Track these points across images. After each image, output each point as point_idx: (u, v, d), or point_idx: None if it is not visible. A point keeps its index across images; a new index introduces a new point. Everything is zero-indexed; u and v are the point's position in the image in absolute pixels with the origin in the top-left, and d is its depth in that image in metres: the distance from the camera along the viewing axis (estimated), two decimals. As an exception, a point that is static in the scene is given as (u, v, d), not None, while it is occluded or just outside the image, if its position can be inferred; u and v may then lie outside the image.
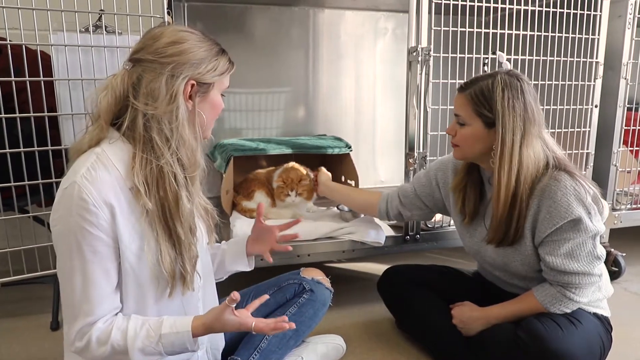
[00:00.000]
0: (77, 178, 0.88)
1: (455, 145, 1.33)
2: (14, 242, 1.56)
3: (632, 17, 1.91)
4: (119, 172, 0.93)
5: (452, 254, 2.29)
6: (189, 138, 0.96)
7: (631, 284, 2.03)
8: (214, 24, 2.19)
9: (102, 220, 0.89)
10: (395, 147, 2.49)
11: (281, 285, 1.37)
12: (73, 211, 0.87)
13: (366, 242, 1.67)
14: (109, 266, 0.91)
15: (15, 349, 1.54)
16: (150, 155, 0.93)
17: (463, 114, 1.27)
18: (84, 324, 0.90)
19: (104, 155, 0.93)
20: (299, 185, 1.73)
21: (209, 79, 0.98)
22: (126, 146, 0.95)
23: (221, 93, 1.05)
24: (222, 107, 1.05)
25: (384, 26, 2.45)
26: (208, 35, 1.02)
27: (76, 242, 0.88)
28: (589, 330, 1.25)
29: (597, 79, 1.90)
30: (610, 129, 2.01)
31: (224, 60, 1.02)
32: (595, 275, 1.24)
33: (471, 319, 1.38)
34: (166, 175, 0.93)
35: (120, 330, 0.92)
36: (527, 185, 1.23)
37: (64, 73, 1.50)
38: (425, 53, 1.62)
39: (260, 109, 2.36)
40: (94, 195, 0.88)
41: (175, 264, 0.96)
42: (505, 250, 1.32)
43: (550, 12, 1.74)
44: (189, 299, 1.04)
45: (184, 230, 0.97)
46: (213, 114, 1.04)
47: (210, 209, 1.15)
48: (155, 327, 0.94)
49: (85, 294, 0.90)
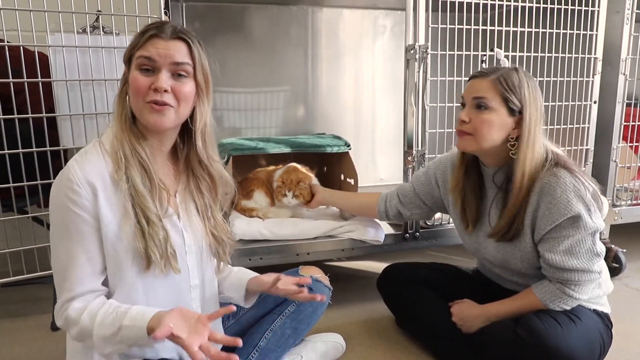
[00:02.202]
0: (70, 162, 0.95)
1: (467, 134, 1.26)
2: (14, 243, 1.56)
3: (630, 12, 1.91)
4: (107, 153, 0.97)
5: (451, 252, 2.29)
6: (116, 123, 1.01)
7: (632, 280, 2.03)
8: (212, 23, 2.19)
9: (85, 199, 0.92)
10: (395, 145, 2.48)
11: (280, 284, 1.36)
12: (60, 191, 0.93)
13: (365, 241, 1.67)
14: (91, 247, 0.94)
15: (16, 350, 1.54)
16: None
17: (489, 97, 1.23)
18: (64, 301, 0.94)
19: (97, 141, 1.00)
20: (297, 187, 1.73)
21: (126, 58, 1.00)
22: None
23: (141, 67, 0.97)
24: (137, 82, 0.96)
25: (383, 24, 2.45)
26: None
27: (62, 220, 0.93)
28: (588, 327, 1.24)
29: (595, 75, 1.90)
30: (609, 124, 2.01)
31: (140, 33, 0.99)
32: (595, 272, 1.24)
33: (471, 317, 1.38)
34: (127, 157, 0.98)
35: (90, 314, 0.91)
36: (532, 178, 1.24)
37: (62, 74, 1.50)
38: (422, 51, 1.62)
39: (259, 108, 2.36)
40: (78, 174, 0.92)
41: (146, 246, 0.96)
42: (505, 247, 1.32)
43: (548, 8, 1.74)
44: (180, 289, 1.05)
45: (140, 212, 0.96)
46: (132, 94, 0.98)
47: (227, 239, 1.15)
48: (120, 316, 0.90)
49: (67, 272, 0.93)
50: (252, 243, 1.62)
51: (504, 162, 1.30)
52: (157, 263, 0.97)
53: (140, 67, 0.96)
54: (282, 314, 1.30)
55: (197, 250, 1.09)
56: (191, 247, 1.07)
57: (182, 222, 1.06)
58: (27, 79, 1.46)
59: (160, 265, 0.98)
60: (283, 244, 1.64)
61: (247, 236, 1.63)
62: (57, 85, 1.51)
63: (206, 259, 1.13)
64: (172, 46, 0.96)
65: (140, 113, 0.98)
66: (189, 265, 1.07)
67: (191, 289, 1.08)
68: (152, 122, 0.97)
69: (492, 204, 1.34)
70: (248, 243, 1.62)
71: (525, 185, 1.23)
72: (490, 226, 1.35)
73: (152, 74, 0.96)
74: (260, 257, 1.61)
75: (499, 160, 1.30)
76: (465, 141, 1.28)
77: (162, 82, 0.95)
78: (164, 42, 0.96)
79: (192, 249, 1.07)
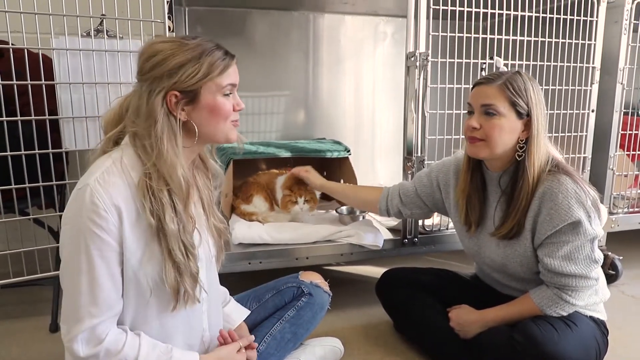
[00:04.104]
0: (91, 181, 0.89)
1: (479, 140, 1.27)
2: (14, 245, 1.57)
3: (628, 23, 1.93)
4: (132, 179, 0.93)
5: (450, 257, 2.30)
6: (171, 156, 0.93)
7: (628, 287, 2.04)
8: (214, 28, 2.21)
9: (112, 225, 0.89)
10: (394, 150, 2.50)
11: (280, 289, 1.37)
12: (84, 214, 0.88)
13: (364, 245, 1.68)
14: (115, 271, 0.92)
15: (14, 351, 1.54)
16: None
17: (498, 103, 1.25)
18: (89, 326, 0.90)
19: (119, 161, 0.93)
20: (307, 191, 1.74)
21: (192, 86, 0.94)
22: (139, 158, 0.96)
23: (225, 92, 0.98)
24: (225, 107, 0.98)
25: (383, 31, 2.47)
26: (191, 38, 0.96)
27: (85, 244, 0.88)
28: (584, 334, 1.26)
29: (594, 84, 1.91)
30: (606, 133, 2.03)
31: (210, 60, 0.95)
32: (592, 279, 1.25)
33: (468, 322, 1.39)
34: (155, 193, 0.92)
35: (133, 348, 0.93)
36: (538, 179, 1.26)
37: (66, 77, 1.51)
38: (423, 58, 1.63)
39: (260, 112, 2.37)
40: (104, 199, 0.88)
41: (178, 281, 0.95)
42: (505, 250, 1.33)
43: (547, 17, 1.76)
44: (193, 311, 1.04)
45: (177, 250, 0.94)
46: (214, 117, 0.98)
47: (224, 228, 1.14)
48: (165, 352, 0.96)
49: (91, 296, 0.89)
50: (252, 247, 1.63)
51: (509, 165, 1.31)
52: (191, 298, 0.98)
53: (225, 93, 0.99)
54: (281, 318, 1.31)
55: (206, 262, 1.08)
56: (202, 262, 1.05)
57: (197, 238, 1.03)
58: (30, 82, 1.46)
59: (191, 299, 0.98)
60: (283, 248, 1.64)
61: (247, 240, 1.63)
62: (61, 88, 1.52)
63: (212, 267, 1.12)
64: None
65: (225, 134, 1.01)
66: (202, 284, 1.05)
67: (202, 303, 1.06)
68: (233, 139, 1.03)
69: (497, 206, 1.35)
70: (248, 247, 1.63)
71: (532, 186, 1.25)
72: (494, 226, 1.36)
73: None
74: (259, 260, 1.62)
75: (505, 164, 1.32)
76: (478, 148, 1.29)
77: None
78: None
79: (203, 263, 1.05)
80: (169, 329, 1.01)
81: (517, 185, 1.27)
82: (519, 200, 1.27)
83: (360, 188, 1.80)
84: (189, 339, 1.05)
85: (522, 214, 1.27)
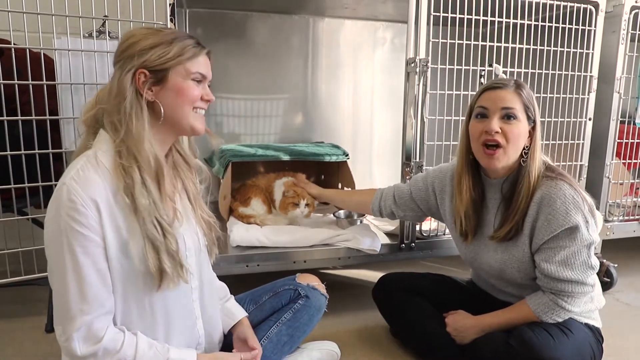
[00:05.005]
0: (67, 179, 0.91)
1: (498, 147, 1.26)
2: (12, 244, 1.56)
3: (626, 32, 1.95)
4: (107, 170, 0.94)
5: (446, 263, 2.31)
6: (139, 131, 0.95)
7: (623, 294, 2.05)
8: (214, 30, 2.21)
9: (92, 220, 0.90)
10: (392, 155, 2.51)
11: (277, 291, 1.37)
12: (62, 212, 0.89)
13: (362, 250, 1.68)
14: (101, 266, 0.92)
15: (9, 351, 1.54)
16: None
17: (517, 107, 1.26)
18: (82, 324, 0.90)
19: (93, 157, 0.95)
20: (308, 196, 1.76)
21: (160, 65, 0.96)
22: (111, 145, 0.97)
23: (194, 79, 1.00)
24: (192, 91, 1.00)
25: (383, 36, 2.48)
26: (169, 28, 0.99)
27: (67, 242, 0.89)
28: (580, 340, 1.26)
29: (591, 92, 1.93)
30: (603, 141, 2.04)
31: (181, 44, 0.98)
32: (588, 285, 1.26)
33: (464, 327, 1.39)
34: (126, 170, 0.94)
35: (131, 347, 0.94)
36: (535, 183, 1.29)
37: (67, 77, 1.51)
38: (423, 64, 1.65)
39: (259, 115, 2.38)
40: (81, 195, 0.89)
41: (159, 260, 0.96)
42: (503, 256, 1.34)
43: (547, 26, 1.78)
44: (184, 295, 1.05)
45: (149, 225, 0.95)
46: (180, 100, 0.99)
47: (213, 222, 1.15)
48: (162, 351, 0.98)
49: (80, 293, 0.90)
50: (250, 249, 1.63)
51: (512, 171, 1.32)
52: (170, 278, 0.97)
53: (194, 79, 1.01)
54: (278, 321, 1.31)
55: (195, 250, 1.09)
56: (191, 250, 1.07)
57: (182, 226, 1.06)
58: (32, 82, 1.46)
59: (173, 279, 0.98)
60: (280, 251, 1.65)
61: (245, 242, 1.64)
62: (62, 88, 1.52)
63: (203, 258, 1.14)
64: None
65: (189, 121, 1.02)
66: (189, 268, 1.07)
67: (192, 291, 1.09)
68: (199, 128, 1.04)
69: (498, 212, 1.36)
70: (245, 249, 1.63)
71: (531, 189, 1.27)
72: (493, 227, 1.36)
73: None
74: (257, 263, 1.62)
75: (509, 170, 1.33)
76: (497, 159, 1.27)
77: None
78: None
79: (192, 251, 1.08)
80: (157, 313, 1.01)
81: (516, 188, 1.29)
82: (518, 202, 1.28)
83: (355, 191, 1.81)
84: (182, 325, 1.06)
85: (520, 215, 1.28)
